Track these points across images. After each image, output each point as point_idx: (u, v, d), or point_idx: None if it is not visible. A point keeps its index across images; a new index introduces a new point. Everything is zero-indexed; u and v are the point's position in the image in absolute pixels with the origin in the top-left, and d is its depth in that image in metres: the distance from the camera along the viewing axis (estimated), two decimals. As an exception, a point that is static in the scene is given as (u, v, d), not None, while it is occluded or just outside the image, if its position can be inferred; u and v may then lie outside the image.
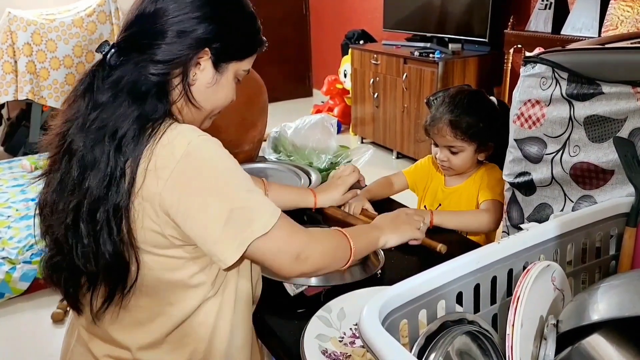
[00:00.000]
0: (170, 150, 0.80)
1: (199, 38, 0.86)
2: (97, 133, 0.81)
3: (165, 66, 0.84)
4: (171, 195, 0.80)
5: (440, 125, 1.41)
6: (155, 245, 0.85)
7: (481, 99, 1.46)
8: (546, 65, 1.05)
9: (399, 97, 3.98)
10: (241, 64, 0.93)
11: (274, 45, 5.89)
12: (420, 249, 1.25)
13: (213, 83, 0.90)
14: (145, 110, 0.82)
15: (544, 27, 3.17)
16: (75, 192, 0.82)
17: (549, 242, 0.84)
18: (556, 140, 1.06)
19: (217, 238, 0.81)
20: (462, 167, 1.46)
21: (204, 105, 0.92)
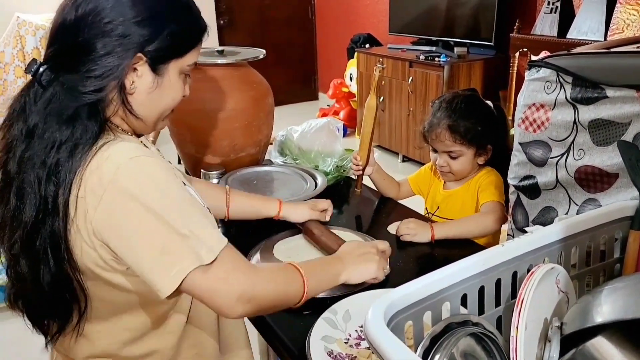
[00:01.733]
0: (98, 176, 0.75)
1: (129, 44, 0.78)
2: (29, 162, 0.77)
3: (97, 81, 0.77)
4: (102, 224, 0.75)
5: (438, 131, 1.42)
6: (99, 271, 0.80)
7: (477, 102, 1.46)
8: (551, 69, 1.06)
9: (405, 100, 3.98)
10: (183, 60, 0.85)
11: (280, 48, 5.92)
12: (425, 252, 1.25)
13: (154, 87, 0.83)
14: (75, 134, 0.76)
15: (550, 31, 3.17)
16: (14, 224, 0.78)
17: (554, 244, 0.84)
18: (561, 144, 1.06)
19: (151, 268, 0.75)
20: (462, 172, 1.46)
21: (149, 111, 0.85)
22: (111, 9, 0.78)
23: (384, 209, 1.54)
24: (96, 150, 0.76)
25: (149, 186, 0.76)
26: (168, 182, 0.78)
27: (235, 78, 1.54)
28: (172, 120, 1.56)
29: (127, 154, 0.77)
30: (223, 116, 1.51)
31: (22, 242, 0.78)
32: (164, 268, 0.74)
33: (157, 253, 0.74)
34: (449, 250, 1.29)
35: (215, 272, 0.76)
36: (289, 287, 0.86)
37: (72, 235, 0.77)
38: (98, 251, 0.78)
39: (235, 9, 5.50)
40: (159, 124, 0.90)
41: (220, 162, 1.55)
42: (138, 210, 0.74)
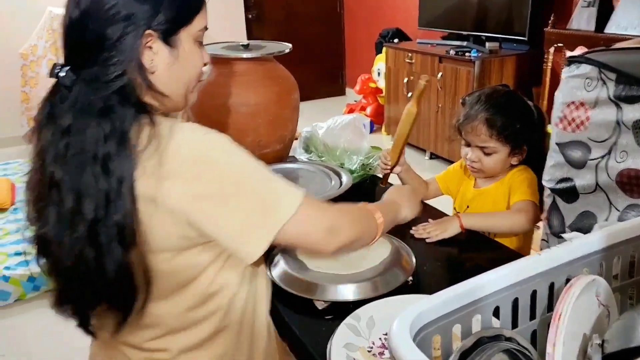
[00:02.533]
0: (178, 154, 0.77)
1: (136, 23, 0.79)
2: (77, 160, 0.77)
3: (117, 67, 0.78)
4: (186, 198, 0.78)
5: (475, 124, 1.36)
6: (177, 249, 0.83)
7: (518, 99, 1.40)
8: (592, 65, 1.00)
9: (434, 96, 3.90)
10: (192, 26, 0.86)
11: (307, 43, 5.90)
12: (453, 255, 1.20)
13: (173, 60, 0.84)
14: (114, 122, 0.77)
15: (587, 26, 3.05)
16: (75, 222, 0.78)
17: (594, 254, 0.78)
18: (601, 145, 1.00)
19: (240, 234, 0.80)
20: (493, 170, 1.40)
21: (176, 86, 0.87)
22: None
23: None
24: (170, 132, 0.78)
25: (228, 156, 0.80)
26: (241, 151, 0.82)
27: (260, 73, 1.51)
28: (196, 115, 1.54)
29: (199, 130, 0.81)
30: (247, 111, 1.48)
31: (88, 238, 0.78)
32: (252, 231, 0.80)
33: (244, 218, 0.80)
34: (478, 254, 1.23)
35: (302, 218, 0.83)
36: (368, 221, 0.97)
37: (148, 219, 0.79)
38: (181, 229, 0.80)
39: (263, 3, 5.48)
40: (190, 98, 0.92)
41: (244, 158, 1.53)
42: (222, 181, 0.79)
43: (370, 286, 1.06)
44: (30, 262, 0.87)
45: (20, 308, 2.46)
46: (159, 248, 0.81)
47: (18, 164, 3.78)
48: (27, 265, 2.65)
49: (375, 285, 1.06)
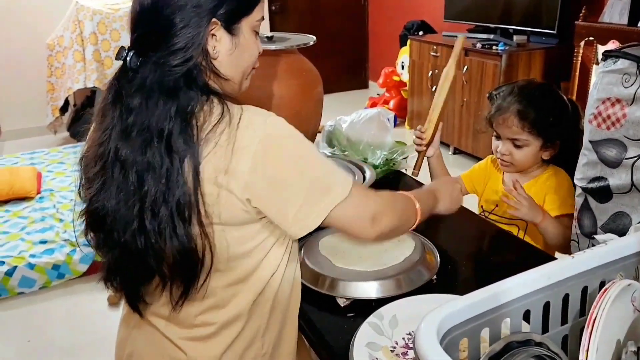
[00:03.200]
0: (251, 131, 0.81)
1: (202, 12, 0.84)
2: (142, 137, 0.81)
3: (184, 53, 0.83)
4: (254, 174, 0.81)
5: (506, 115, 1.32)
6: (233, 222, 0.86)
7: (553, 93, 1.36)
8: (630, 60, 0.96)
9: (459, 90, 3.84)
10: (252, 17, 0.91)
11: (331, 35, 5.85)
12: (479, 254, 1.18)
13: (234, 48, 0.89)
14: (182, 102, 0.82)
15: (620, 19, 2.95)
16: (136, 197, 0.82)
17: (630, 258, 0.75)
18: (638, 144, 0.96)
19: (295, 211, 0.83)
20: (524, 164, 1.36)
21: (234, 72, 0.91)
22: None
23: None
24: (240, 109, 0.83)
25: (292, 136, 0.85)
26: (300, 133, 0.87)
27: (284, 65, 1.49)
28: (219, 108, 1.53)
29: (264, 113, 0.86)
30: (271, 104, 1.47)
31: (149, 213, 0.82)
32: (309, 208, 0.84)
33: (303, 195, 0.83)
34: (505, 254, 1.20)
35: (352, 202, 0.86)
36: (408, 209, 0.99)
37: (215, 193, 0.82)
38: (244, 203, 0.83)
39: (287, -5, 5.46)
40: (244, 84, 0.97)
41: (266, 151, 1.52)
42: (287, 158, 0.83)
43: (394, 284, 1.04)
44: (55, 250, 0.90)
45: (44, 295, 2.50)
46: (222, 221, 0.84)
47: (44, 153, 3.84)
48: (52, 253, 2.71)
49: (398, 283, 1.04)
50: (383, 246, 1.13)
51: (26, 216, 2.89)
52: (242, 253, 0.89)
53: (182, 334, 0.92)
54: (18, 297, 2.49)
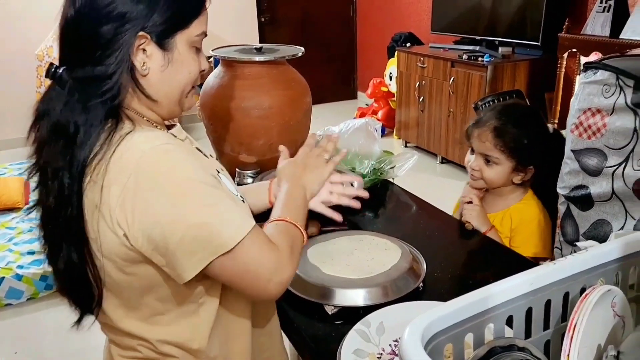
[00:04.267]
0: (121, 164, 0.76)
1: (129, 23, 0.79)
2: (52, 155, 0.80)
3: (107, 67, 0.78)
4: (124, 211, 0.76)
5: (483, 129, 1.34)
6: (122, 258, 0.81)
7: (535, 117, 1.37)
8: (610, 71, 0.99)
9: (445, 101, 3.89)
10: (189, 31, 0.84)
11: (320, 46, 5.88)
12: (465, 262, 1.19)
13: (167, 64, 0.83)
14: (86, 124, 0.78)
15: (602, 31, 3.02)
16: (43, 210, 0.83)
17: (611, 264, 0.77)
18: (619, 153, 0.99)
19: (170, 258, 0.76)
20: (494, 183, 1.36)
21: (168, 90, 0.85)
22: None
23: (422, 213, 1.49)
24: (120, 140, 0.78)
25: (170, 173, 0.76)
26: (190, 169, 0.78)
27: (273, 76, 1.51)
28: (208, 118, 1.54)
29: (150, 142, 0.78)
30: (260, 114, 1.48)
31: (45, 228, 0.83)
32: (185, 254, 0.75)
33: (179, 239, 0.75)
34: (491, 261, 1.22)
35: (241, 257, 0.77)
36: (298, 245, 0.89)
37: (96, 223, 0.78)
38: (121, 240, 0.78)
39: (276, 7, 5.50)
40: (185, 103, 0.90)
41: (255, 161, 1.53)
42: (160, 196, 0.75)
43: (381, 292, 1.05)
44: (43, 261, 0.88)
45: (33, 307, 2.48)
46: (106, 255, 0.80)
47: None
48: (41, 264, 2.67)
49: (385, 290, 1.05)
50: (370, 254, 1.15)
51: (14, 227, 2.87)
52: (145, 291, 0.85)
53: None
54: (5, 309, 2.46)
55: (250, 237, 0.78)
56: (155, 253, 0.77)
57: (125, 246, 0.79)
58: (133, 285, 0.84)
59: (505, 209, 1.38)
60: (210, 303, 0.89)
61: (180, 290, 0.85)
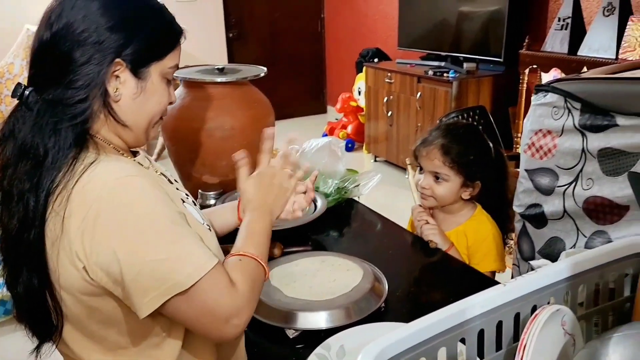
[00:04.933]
0: (83, 195, 0.75)
1: (105, 50, 0.79)
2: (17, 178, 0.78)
3: (80, 91, 0.79)
4: (83, 244, 0.75)
5: (430, 148, 1.38)
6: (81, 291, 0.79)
7: (477, 134, 1.43)
8: (558, 94, 1.02)
9: (413, 115, 3.94)
10: (164, 63, 0.86)
11: (289, 61, 5.90)
12: (427, 280, 1.20)
13: (139, 92, 0.84)
14: (53, 149, 0.77)
15: (560, 48, 3.11)
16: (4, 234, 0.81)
17: (560, 283, 0.79)
18: (568, 172, 1.02)
19: (126, 294, 0.75)
20: (444, 200, 1.40)
21: (137, 119, 0.86)
22: (83, 19, 0.79)
23: (386, 232, 1.50)
24: (84, 169, 0.77)
25: (130, 207, 0.76)
26: (153, 203, 0.77)
27: (235, 97, 1.51)
28: (170, 139, 1.53)
29: (114, 173, 0.77)
30: (222, 135, 1.48)
31: (6, 251, 0.81)
32: (140, 291, 0.74)
33: (135, 275, 0.74)
34: (453, 280, 1.24)
35: (199, 297, 0.75)
36: (260, 283, 0.86)
37: (56, 254, 0.77)
38: (81, 273, 0.77)
39: (244, 22, 5.51)
40: (151, 133, 0.91)
41: (218, 182, 1.52)
42: (119, 230, 0.74)
43: (343, 313, 1.05)
44: (2, 285, 0.88)
45: (-10, 333, 2.40)
46: (65, 287, 0.79)
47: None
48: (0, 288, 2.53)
49: (347, 312, 1.06)
50: (332, 275, 1.15)
51: (-29, 250, 2.78)
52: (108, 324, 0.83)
53: None
54: (-38, 336, 2.38)
55: (210, 277, 0.76)
56: (116, 286, 0.76)
57: (85, 280, 0.77)
58: (94, 319, 0.83)
59: (458, 226, 1.41)
60: (175, 335, 0.87)
61: (143, 324, 0.83)
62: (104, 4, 0.81)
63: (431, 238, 1.31)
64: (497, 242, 1.34)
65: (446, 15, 3.98)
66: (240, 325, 0.79)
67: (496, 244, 1.33)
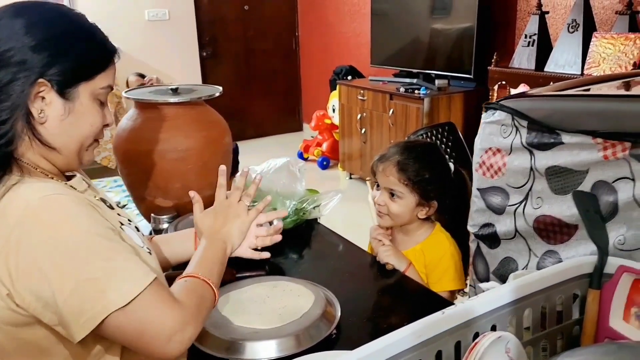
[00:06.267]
0: (3, 218, 0.72)
1: (28, 69, 0.77)
2: None
3: (3, 114, 0.76)
4: (7, 268, 0.71)
5: (387, 164, 1.36)
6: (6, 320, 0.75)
7: (436, 153, 1.42)
8: (506, 112, 1.01)
9: (386, 132, 3.94)
10: (94, 83, 0.83)
11: (264, 79, 5.91)
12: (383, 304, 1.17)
13: (67, 114, 0.81)
14: None
15: (527, 64, 3.15)
16: None
17: (503, 308, 0.77)
18: (518, 191, 1.00)
19: (59, 316, 0.72)
20: (399, 217, 1.37)
21: (66, 141, 0.83)
22: (7, 39, 0.77)
23: (345, 254, 1.46)
24: (5, 191, 0.74)
25: (58, 225, 0.73)
26: (82, 220, 0.75)
27: (189, 117, 1.48)
28: (122, 162, 1.49)
29: (38, 193, 0.75)
30: (176, 157, 1.44)
31: None
32: (74, 312, 0.71)
33: (67, 295, 0.71)
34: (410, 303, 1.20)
35: (138, 314, 0.73)
36: (207, 303, 0.86)
37: None
38: (5, 301, 0.73)
39: (218, 41, 5.50)
40: (84, 156, 0.88)
41: (172, 205, 1.48)
42: (46, 250, 0.71)
43: (293, 341, 1.01)
44: None
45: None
46: None
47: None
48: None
49: (298, 340, 1.01)
50: (283, 302, 1.11)
51: None
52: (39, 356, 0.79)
53: None
54: None
55: (149, 293, 0.74)
56: (46, 311, 0.72)
57: (10, 309, 0.73)
58: (22, 352, 0.78)
59: (415, 245, 1.38)
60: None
61: (76, 352, 0.79)
62: (28, 23, 0.79)
63: (386, 260, 1.28)
64: (456, 260, 1.32)
65: (418, 33, 4.02)
66: (184, 343, 0.76)
67: (454, 262, 1.31)
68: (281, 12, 5.76)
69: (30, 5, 0.83)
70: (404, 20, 4.13)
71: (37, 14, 0.81)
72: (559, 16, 3.29)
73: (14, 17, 0.79)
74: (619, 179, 0.84)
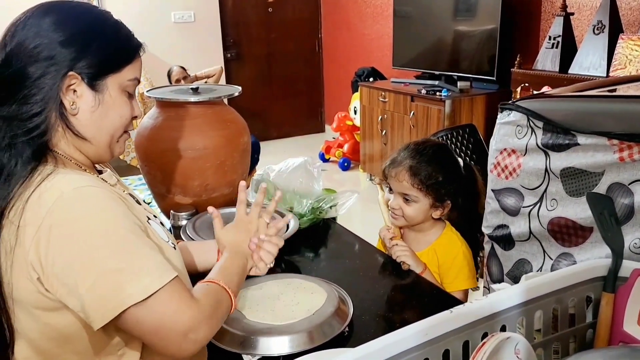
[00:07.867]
0: (38, 205, 0.75)
1: (58, 63, 0.81)
2: None
3: (35, 105, 0.79)
4: (39, 255, 0.74)
5: (399, 169, 1.36)
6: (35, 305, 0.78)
7: (447, 153, 1.41)
8: (521, 113, 1.00)
9: (407, 134, 3.93)
10: (121, 75, 0.87)
11: (287, 81, 5.94)
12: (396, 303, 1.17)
13: (97, 105, 0.85)
14: (10, 162, 0.78)
15: (551, 66, 3.10)
16: None
17: (513, 309, 0.76)
18: (533, 193, 0.99)
19: (82, 304, 0.74)
20: (414, 220, 1.38)
21: (97, 132, 0.86)
22: (35, 36, 0.81)
23: (361, 253, 1.47)
24: (41, 180, 0.77)
25: (87, 216, 0.76)
26: (111, 213, 0.78)
27: (208, 116, 1.50)
28: (143, 159, 1.52)
29: (71, 184, 0.77)
30: (195, 155, 1.47)
31: None
32: (96, 302, 0.73)
33: (90, 285, 0.73)
34: (422, 302, 1.20)
35: (156, 309, 0.75)
36: (223, 309, 0.87)
37: (10, 265, 0.76)
38: (35, 285, 0.76)
39: (242, 43, 5.55)
40: (115, 148, 0.91)
41: (191, 202, 1.50)
42: (74, 239, 0.74)
43: (305, 338, 1.02)
44: None
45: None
46: (17, 301, 0.78)
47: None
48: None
49: (310, 336, 1.02)
50: (296, 299, 1.12)
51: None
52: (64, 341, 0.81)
53: None
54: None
55: (169, 289, 0.76)
56: (71, 297, 0.75)
57: (40, 292, 0.77)
58: (47, 336, 0.81)
59: (429, 246, 1.38)
60: (130, 355, 0.85)
61: (98, 341, 0.82)
62: (56, 20, 0.83)
63: (403, 259, 1.28)
64: (468, 259, 1.32)
65: (440, 34, 3.99)
66: (198, 341, 0.77)
67: (467, 261, 1.31)
68: (304, 15, 5.78)
69: (57, 4, 0.87)
70: (426, 22, 4.11)
71: (64, 11, 0.85)
72: (584, 17, 3.23)
73: (41, 16, 0.82)
74: (635, 181, 0.83)
